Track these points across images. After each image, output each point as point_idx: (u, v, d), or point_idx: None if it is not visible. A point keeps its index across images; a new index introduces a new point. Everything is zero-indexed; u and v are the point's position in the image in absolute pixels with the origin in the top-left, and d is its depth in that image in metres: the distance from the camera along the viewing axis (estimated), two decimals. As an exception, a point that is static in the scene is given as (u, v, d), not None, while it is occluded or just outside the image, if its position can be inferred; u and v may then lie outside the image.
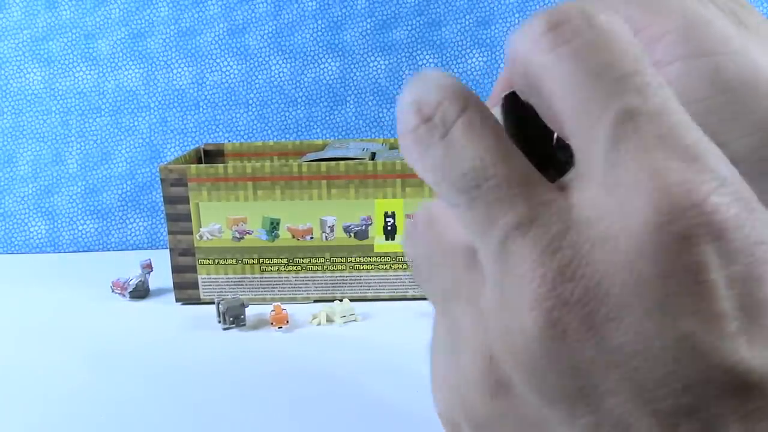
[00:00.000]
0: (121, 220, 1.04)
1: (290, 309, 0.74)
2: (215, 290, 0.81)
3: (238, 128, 1.03)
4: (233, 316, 0.74)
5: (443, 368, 0.18)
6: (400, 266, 0.79)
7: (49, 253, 1.04)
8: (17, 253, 1.04)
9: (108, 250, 1.04)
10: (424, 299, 0.22)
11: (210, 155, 0.96)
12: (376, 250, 0.79)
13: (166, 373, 0.65)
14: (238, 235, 0.79)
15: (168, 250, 0.80)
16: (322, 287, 0.80)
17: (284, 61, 1.02)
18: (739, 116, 0.20)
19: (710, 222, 0.14)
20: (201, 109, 1.03)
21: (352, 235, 0.78)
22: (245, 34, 1.01)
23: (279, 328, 0.73)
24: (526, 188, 0.16)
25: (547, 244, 0.15)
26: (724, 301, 0.14)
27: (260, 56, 1.02)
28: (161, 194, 0.80)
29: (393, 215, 0.78)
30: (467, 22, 1.01)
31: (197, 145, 0.99)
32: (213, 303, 0.77)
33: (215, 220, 0.79)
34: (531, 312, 0.15)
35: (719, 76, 0.20)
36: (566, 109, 0.16)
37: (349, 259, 0.79)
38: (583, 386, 0.15)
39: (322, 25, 1.01)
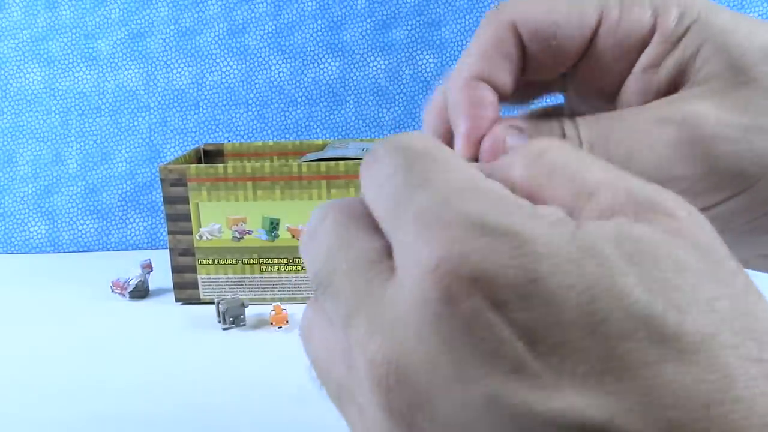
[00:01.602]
0: (121, 220, 1.04)
1: (290, 309, 0.74)
2: (215, 290, 0.81)
3: (238, 128, 1.03)
4: (233, 316, 0.74)
5: None
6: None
7: (49, 253, 1.04)
8: (17, 253, 1.04)
9: (108, 250, 1.04)
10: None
11: (210, 155, 0.96)
12: (376, 250, 0.79)
13: (166, 373, 0.65)
14: (237, 235, 0.79)
15: (168, 250, 0.80)
16: (322, 287, 0.80)
17: (284, 61, 1.02)
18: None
19: (470, 277, 0.14)
20: (201, 109, 1.03)
21: (352, 235, 0.78)
22: (245, 34, 1.01)
23: (279, 328, 0.73)
24: (352, 281, 0.16)
25: (364, 332, 0.15)
26: (515, 353, 0.13)
27: (260, 56, 1.02)
28: (161, 194, 0.80)
29: (393, 215, 0.78)
30: (467, 22, 1.01)
31: (197, 145, 0.99)
32: (213, 303, 0.77)
33: (215, 220, 0.79)
34: (372, 397, 0.15)
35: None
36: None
37: (349, 259, 0.79)
38: None
39: (322, 25, 1.01)
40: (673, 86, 0.21)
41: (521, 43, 0.22)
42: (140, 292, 0.84)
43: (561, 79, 0.23)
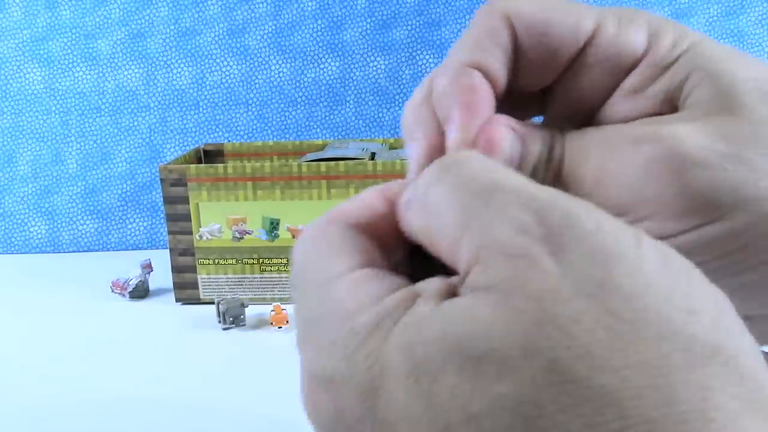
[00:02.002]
0: (120, 220, 1.04)
1: (290, 309, 0.74)
2: (215, 290, 0.81)
3: (238, 128, 1.03)
4: (233, 316, 0.74)
5: None
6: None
7: (48, 253, 1.04)
8: (17, 253, 1.04)
9: (108, 250, 1.04)
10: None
11: (210, 155, 0.96)
12: (376, 250, 0.79)
13: (166, 373, 0.65)
14: (238, 235, 0.79)
15: (168, 250, 0.80)
16: (322, 287, 0.80)
17: (284, 61, 1.02)
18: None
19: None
20: (201, 109, 1.03)
21: (352, 235, 0.78)
22: (245, 34, 1.01)
23: (279, 328, 0.73)
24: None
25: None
26: None
27: (260, 56, 1.02)
28: (161, 194, 0.80)
29: (393, 215, 0.78)
30: (467, 22, 1.00)
31: (197, 145, 0.99)
32: (213, 303, 0.77)
33: (215, 220, 0.79)
34: None
35: None
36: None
37: (349, 259, 0.79)
38: None
39: (322, 25, 1.01)
40: (659, 113, 0.21)
41: (514, 35, 0.21)
42: (140, 292, 0.84)
43: (540, 100, 0.23)
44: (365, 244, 0.19)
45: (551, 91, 0.23)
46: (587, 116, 0.22)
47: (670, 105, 0.20)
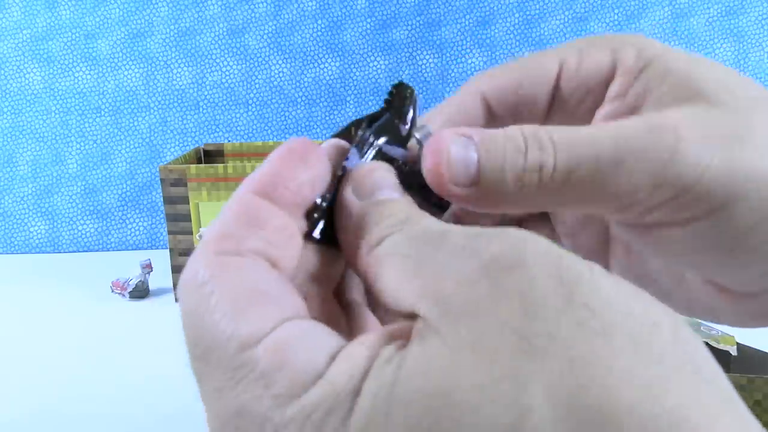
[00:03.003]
0: (121, 220, 1.04)
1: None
2: (215, 290, 0.81)
3: (238, 128, 1.03)
4: (233, 316, 0.74)
5: None
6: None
7: (48, 253, 1.04)
8: (17, 253, 1.04)
9: (108, 250, 1.04)
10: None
11: (210, 155, 0.96)
12: (376, 250, 0.79)
13: (166, 373, 0.65)
14: (238, 235, 0.79)
15: (168, 250, 0.80)
16: (322, 287, 0.80)
17: (284, 61, 1.02)
18: None
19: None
20: (201, 109, 1.03)
21: (352, 235, 0.78)
22: (245, 34, 1.01)
23: (279, 328, 0.73)
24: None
25: None
26: None
27: (260, 56, 1.02)
28: (161, 194, 0.80)
29: (393, 215, 0.78)
30: (467, 22, 1.01)
31: (197, 145, 0.99)
32: (213, 303, 0.76)
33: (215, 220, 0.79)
34: None
35: None
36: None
37: (349, 259, 0.79)
38: None
39: (322, 25, 1.01)
40: (637, 111, 0.21)
41: (489, 108, 0.23)
42: (140, 292, 0.84)
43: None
44: (277, 278, 0.16)
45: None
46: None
47: (647, 100, 0.21)
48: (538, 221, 0.25)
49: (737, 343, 0.52)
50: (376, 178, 0.19)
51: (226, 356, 0.15)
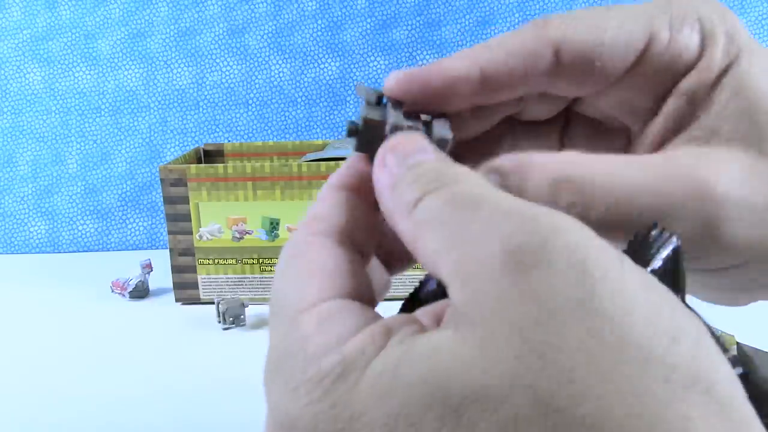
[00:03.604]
0: (121, 220, 1.04)
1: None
2: (215, 290, 0.81)
3: (238, 128, 1.03)
4: (233, 316, 0.74)
5: None
6: (400, 266, 0.79)
7: (49, 253, 1.04)
8: (17, 253, 1.04)
9: (108, 250, 1.04)
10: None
11: (210, 155, 0.96)
12: (376, 250, 0.79)
13: (166, 373, 0.65)
14: (237, 235, 0.79)
15: (168, 250, 0.80)
16: (322, 287, 0.80)
17: (284, 61, 1.02)
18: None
19: None
20: (201, 109, 1.03)
21: (352, 235, 0.78)
22: (245, 34, 1.01)
23: (279, 328, 0.73)
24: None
25: None
26: None
27: (260, 56, 1.02)
28: (161, 194, 0.80)
29: (393, 215, 0.78)
30: (467, 22, 1.01)
31: (197, 145, 0.99)
32: (213, 303, 0.76)
33: (215, 220, 0.79)
34: None
35: None
36: None
37: (349, 259, 0.79)
38: None
39: (322, 25, 1.01)
40: (692, 118, 0.20)
41: (556, 61, 0.21)
42: (140, 292, 0.84)
43: (562, 115, 0.23)
44: (344, 260, 0.19)
45: (581, 109, 0.22)
46: (613, 133, 0.22)
47: (706, 112, 0.20)
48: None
49: (737, 343, 0.52)
50: (407, 144, 0.20)
51: (285, 317, 0.18)
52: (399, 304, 0.22)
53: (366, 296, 0.19)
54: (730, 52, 0.20)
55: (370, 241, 0.21)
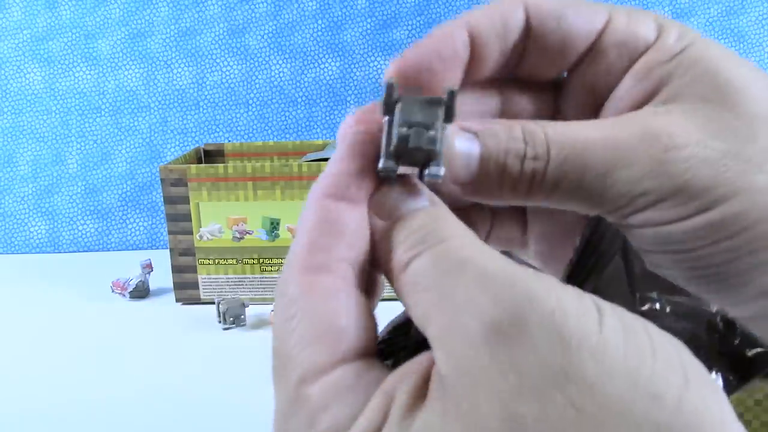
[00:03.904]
0: (121, 220, 1.04)
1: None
2: (215, 290, 0.81)
3: (238, 128, 1.03)
4: (233, 316, 0.74)
5: None
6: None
7: (49, 253, 1.04)
8: (17, 253, 1.04)
9: (108, 250, 1.04)
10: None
11: (210, 155, 0.96)
12: (376, 250, 0.79)
13: (166, 373, 0.65)
14: (238, 235, 0.79)
15: (168, 250, 0.80)
16: (322, 287, 0.80)
17: (284, 61, 1.02)
18: None
19: None
20: (201, 109, 1.03)
21: (352, 235, 0.78)
22: (245, 34, 1.01)
23: (279, 328, 0.73)
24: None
25: None
26: None
27: (260, 56, 1.02)
28: (161, 194, 0.80)
29: (393, 215, 0.78)
30: (467, 22, 1.01)
31: (197, 145, 0.99)
32: (213, 303, 0.77)
33: (215, 220, 0.79)
34: None
35: None
36: None
37: (349, 259, 0.79)
38: None
39: (322, 25, 1.01)
40: (654, 94, 0.21)
41: (528, 19, 0.22)
42: (140, 292, 0.84)
43: (554, 95, 0.24)
44: (352, 310, 0.18)
45: (567, 83, 0.23)
46: (598, 107, 0.23)
47: (668, 86, 0.21)
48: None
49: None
50: (394, 195, 0.19)
51: (289, 382, 0.17)
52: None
53: (371, 344, 0.18)
54: (683, 38, 0.21)
55: (374, 269, 0.20)
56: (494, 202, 0.21)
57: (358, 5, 1.00)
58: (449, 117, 0.19)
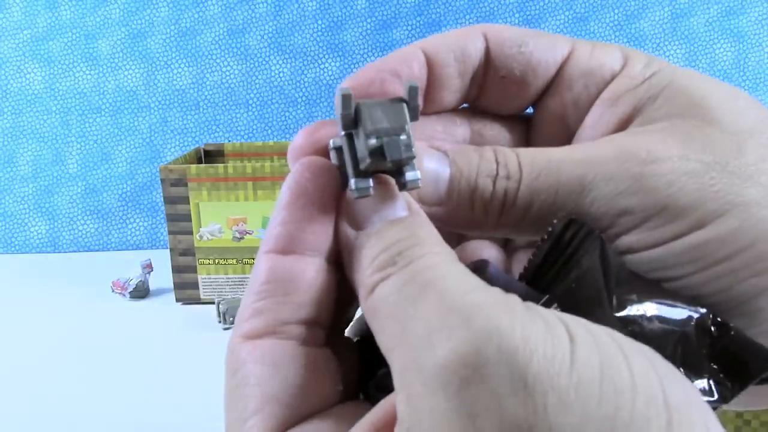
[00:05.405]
0: (121, 220, 1.04)
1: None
2: (215, 290, 0.81)
3: (238, 128, 1.03)
4: (233, 316, 0.74)
5: None
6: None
7: (49, 253, 1.04)
8: (17, 253, 1.04)
9: (108, 250, 1.04)
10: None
11: (210, 155, 0.96)
12: (376, 250, 0.79)
13: (166, 373, 0.65)
14: (238, 235, 0.79)
15: (168, 250, 0.81)
16: (322, 287, 0.80)
17: (284, 61, 1.02)
18: None
19: None
20: (201, 109, 1.03)
21: (352, 235, 0.78)
22: (245, 34, 1.01)
23: (279, 328, 0.73)
24: None
25: None
26: None
27: (260, 56, 1.02)
28: (161, 194, 0.80)
29: (393, 215, 0.78)
30: (467, 22, 1.01)
31: (197, 145, 0.99)
32: (213, 303, 0.77)
33: (215, 220, 0.79)
34: None
35: None
36: None
37: (349, 259, 0.79)
38: None
39: (322, 25, 1.01)
40: (629, 121, 0.20)
41: (487, 48, 0.21)
42: (140, 292, 0.84)
43: (524, 129, 0.23)
44: (303, 365, 0.17)
45: (536, 116, 0.23)
46: (569, 138, 0.22)
47: (642, 113, 0.20)
48: None
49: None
50: (366, 207, 0.18)
51: None
52: None
53: (328, 398, 0.17)
54: (651, 65, 0.21)
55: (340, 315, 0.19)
56: (466, 229, 0.20)
57: (358, 5, 1.01)
58: (414, 115, 0.17)
